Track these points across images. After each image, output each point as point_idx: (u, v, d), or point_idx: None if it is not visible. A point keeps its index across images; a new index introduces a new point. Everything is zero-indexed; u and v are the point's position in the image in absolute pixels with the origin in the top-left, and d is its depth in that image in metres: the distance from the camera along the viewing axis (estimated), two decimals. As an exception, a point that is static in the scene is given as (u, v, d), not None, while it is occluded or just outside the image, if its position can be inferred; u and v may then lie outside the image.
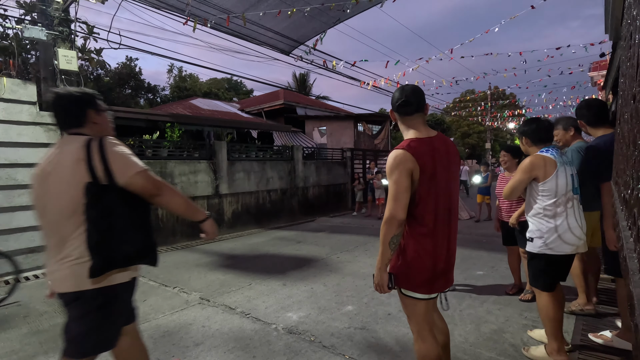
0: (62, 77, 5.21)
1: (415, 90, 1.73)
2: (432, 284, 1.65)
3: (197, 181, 7.08)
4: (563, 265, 2.27)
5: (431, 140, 1.68)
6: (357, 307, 3.37)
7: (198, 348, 2.66)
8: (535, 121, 2.41)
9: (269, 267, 4.88)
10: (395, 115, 1.78)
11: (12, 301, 3.78)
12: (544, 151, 2.26)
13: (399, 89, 1.76)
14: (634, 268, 1.00)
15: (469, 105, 28.02)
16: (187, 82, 27.56)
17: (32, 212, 4.98)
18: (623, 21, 2.96)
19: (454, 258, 1.76)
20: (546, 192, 2.21)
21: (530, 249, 2.31)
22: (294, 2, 6.13)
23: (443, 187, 1.65)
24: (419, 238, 1.63)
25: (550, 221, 2.21)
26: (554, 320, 2.23)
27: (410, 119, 1.73)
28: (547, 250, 2.21)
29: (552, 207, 2.20)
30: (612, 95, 6.15)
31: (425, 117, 1.77)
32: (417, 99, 1.71)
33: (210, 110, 13.52)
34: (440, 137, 1.75)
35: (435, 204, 1.63)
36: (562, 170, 2.19)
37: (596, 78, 15.64)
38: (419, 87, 1.79)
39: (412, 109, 1.71)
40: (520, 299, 3.44)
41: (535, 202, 2.27)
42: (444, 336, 1.93)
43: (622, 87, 2.20)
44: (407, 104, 1.70)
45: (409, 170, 1.58)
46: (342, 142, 14.82)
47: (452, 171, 1.71)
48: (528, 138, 2.38)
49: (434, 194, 1.63)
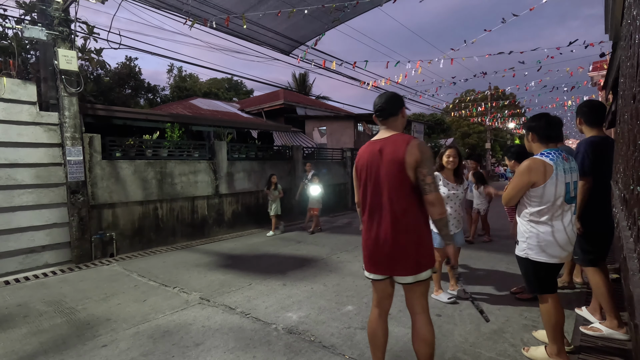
0: (62, 77, 5.21)
1: (390, 98, 1.95)
2: (371, 265, 1.94)
3: (197, 181, 7.08)
4: (547, 272, 2.19)
5: (374, 143, 1.94)
6: (357, 307, 3.37)
7: (198, 348, 2.66)
8: (544, 117, 2.22)
9: (269, 267, 4.88)
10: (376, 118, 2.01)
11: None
12: (544, 155, 2.14)
13: (378, 96, 1.99)
14: (634, 268, 1.00)
15: (469, 105, 28.00)
16: (187, 82, 27.53)
17: (32, 212, 5.00)
18: (623, 21, 2.96)
19: (395, 249, 1.84)
20: (534, 199, 2.14)
21: (516, 252, 2.31)
22: (295, 4, 6.13)
23: (372, 184, 1.90)
24: (363, 226, 2.00)
25: (534, 227, 2.17)
26: (556, 322, 2.22)
27: (384, 122, 1.96)
28: (530, 254, 2.19)
29: (537, 215, 2.15)
30: (612, 95, 6.15)
31: (399, 120, 1.96)
32: (391, 106, 1.93)
33: (210, 110, 13.51)
34: (391, 138, 1.89)
35: (366, 198, 1.95)
36: (557, 178, 2.07)
37: (596, 78, 15.64)
38: (396, 94, 1.97)
39: (386, 114, 1.93)
40: (517, 297, 3.46)
41: (524, 206, 2.22)
42: (422, 345, 1.86)
43: (622, 87, 2.20)
44: (382, 110, 1.93)
45: (355, 170, 2.05)
46: (342, 142, 14.83)
47: (386, 171, 1.85)
48: (535, 134, 2.22)
49: (364, 190, 1.96)
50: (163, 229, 6.55)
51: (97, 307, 3.57)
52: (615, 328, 2.59)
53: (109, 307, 3.55)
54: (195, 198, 7.10)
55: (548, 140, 2.20)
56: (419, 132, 19.43)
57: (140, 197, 6.19)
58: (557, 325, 2.22)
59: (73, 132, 5.30)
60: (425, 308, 1.91)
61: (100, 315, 3.36)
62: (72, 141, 5.29)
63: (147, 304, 3.62)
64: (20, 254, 4.93)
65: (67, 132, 5.24)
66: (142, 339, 2.83)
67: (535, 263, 2.18)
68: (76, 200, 5.33)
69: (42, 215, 5.10)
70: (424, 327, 1.87)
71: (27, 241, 4.97)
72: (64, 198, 5.30)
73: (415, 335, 1.89)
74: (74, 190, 5.31)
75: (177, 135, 7.63)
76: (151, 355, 2.59)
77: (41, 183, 5.09)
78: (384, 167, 1.85)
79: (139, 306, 3.56)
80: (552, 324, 2.22)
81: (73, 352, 2.67)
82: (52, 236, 5.20)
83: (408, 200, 1.82)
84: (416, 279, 1.84)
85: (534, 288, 2.28)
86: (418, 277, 1.84)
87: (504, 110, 31.09)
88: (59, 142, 5.27)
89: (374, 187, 1.90)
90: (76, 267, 5.17)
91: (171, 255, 5.81)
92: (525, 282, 2.36)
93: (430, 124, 24.99)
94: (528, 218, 2.20)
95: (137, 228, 6.19)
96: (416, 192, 1.83)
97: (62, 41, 5.22)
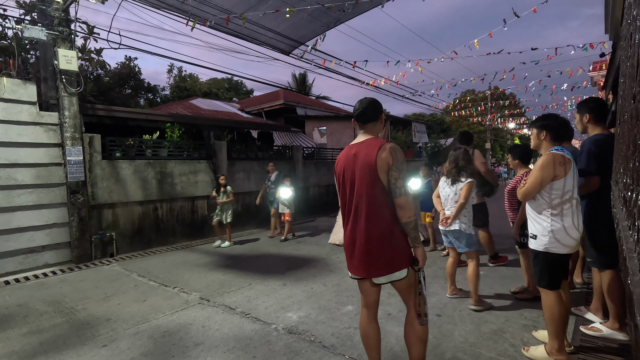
0: (62, 77, 5.21)
1: (370, 103, 1.98)
2: (351, 266, 1.99)
3: (197, 181, 7.08)
4: (563, 265, 2.27)
5: (351, 147, 1.97)
6: (357, 307, 3.36)
7: (198, 348, 2.66)
8: (558, 117, 2.36)
9: (269, 267, 4.88)
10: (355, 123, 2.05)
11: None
12: (559, 149, 2.23)
13: (358, 101, 2.03)
14: (634, 268, 1.00)
15: (468, 105, 28.02)
16: (187, 82, 27.53)
17: (32, 212, 4.99)
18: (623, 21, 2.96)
19: (367, 250, 1.87)
20: (556, 192, 2.19)
21: (534, 247, 2.31)
22: (294, 3, 6.13)
23: (349, 188, 1.94)
24: (343, 228, 2.03)
25: (556, 220, 2.20)
26: (559, 319, 2.23)
27: (362, 127, 2.00)
28: (551, 248, 2.21)
29: (558, 208, 2.19)
30: (612, 95, 6.15)
31: (378, 126, 2.01)
32: (371, 111, 1.97)
33: (210, 110, 13.50)
34: (365, 142, 1.92)
35: (345, 201, 1.99)
36: (574, 171, 2.19)
37: (596, 78, 15.64)
38: (376, 100, 2.00)
39: (365, 119, 1.98)
40: (517, 297, 3.46)
41: (544, 201, 2.24)
42: (407, 335, 1.97)
43: (622, 87, 2.20)
44: (361, 115, 1.98)
45: (335, 173, 2.08)
46: (342, 142, 14.82)
47: (360, 174, 1.87)
48: (550, 133, 2.31)
49: (342, 193, 2.01)
50: (163, 229, 6.55)
51: (97, 307, 3.57)
52: (616, 329, 2.59)
53: (109, 307, 3.55)
54: (195, 198, 7.10)
55: (560, 139, 2.32)
56: (421, 132, 19.43)
57: (140, 197, 6.19)
58: (560, 320, 2.23)
59: (73, 132, 5.30)
60: (414, 304, 1.95)
61: (100, 315, 3.36)
62: (72, 141, 5.29)
63: (147, 304, 3.62)
64: (20, 254, 4.93)
65: (67, 132, 5.24)
66: (142, 339, 2.83)
67: (555, 256, 2.22)
68: (76, 200, 5.33)
69: (42, 215, 5.10)
70: (409, 329, 1.97)
71: (27, 241, 4.97)
72: (64, 198, 5.30)
73: (405, 329, 1.99)
74: (74, 190, 5.31)
75: (177, 135, 7.64)
76: (151, 355, 2.59)
77: (41, 183, 5.09)
78: (358, 171, 1.88)
79: (139, 306, 3.56)
80: (555, 319, 2.23)
81: (73, 352, 2.67)
82: (52, 236, 5.20)
83: (381, 204, 1.85)
84: (389, 279, 1.89)
85: (547, 283, 2.28)
86: (391, 277, 1.88)
87: (504, 110, 31.09)
88: (59, 142, 5.27)
89: (350, 191, 1.94)
90: (76, 267, 5.17)
91: (171, 255, 5.81)
92: (539, 277, 2.33)
93: (430, 124, 25.00)
94: (550, 212, 2.21)
95: (137, 228, 6.19)
96: (389, 196, 1.86)
97: (62, 41, 5.22)
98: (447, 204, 3.36)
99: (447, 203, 3.36)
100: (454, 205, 3.29)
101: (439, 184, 3.52)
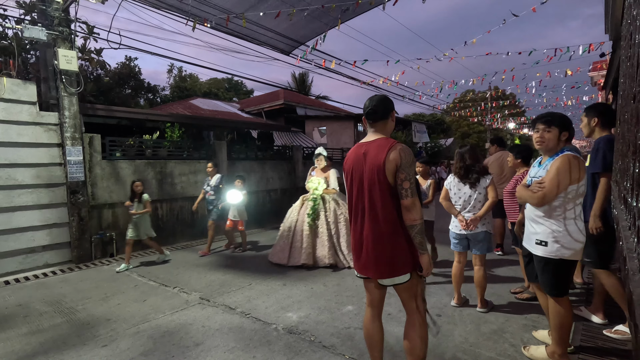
0: (62, 77, 5.21)
1: (381, 100, 1.94)
2: (357, 265, 1.99)
3: (197, 181, 7.08)
4: (572, 270, 2.19)
5: (360, 146, 1.94)
6: (357, 307, 3.37)
7: (198, 348, 2.66)
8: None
9: (269, 267, 4.88)
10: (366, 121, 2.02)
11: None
12: (570, 152, 2.14)
13: (368, 98, 1.98)
14: (634, 268, 1.00)
15: (468, 105, 28.01)
16: (187, 82, 27.52)
17: (32, 212, 4.99)
18: (623, 21, 2.96)
19: (372, 251, 1.86)
20: (572, 195, 2.09)
21: (543, 254, 2.15)
22: (295, 4, 6.13)
23: (357, 187, 1.93)
24: (350, 227, 2.03)
25: (570, 224, 2.11)
26: (568, 327, 2.20)
27: (373, 125, 1.96)
28: (565, 254, 2.10)
29: (574, 212, 2.11)
30: (612, 95, 6.15)
31: (389, 124, 1.97)
32: (382, 109, 1.92)
33: (210, 110, 13.51)
34: (376, 142, 1.89)
35: (352, 201, 1.98)
36: (586, 174, 2.15)
37: (596, 78, 15.63)
38: (387, 97, 1.96)
39: (376, 116, 1.93)
40: (517, 297, 3.46)
41: (560, 205, 2.11)
42: (406, 343, 1.94)
43: (622, 87, 2.20)
44: (372, 112, 1.93)
45: (343, 172, 2.07)
46: (342, 142, 14.83)
47: (368, 175, 1.85)
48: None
49: (350, 192, 1.99)
50: (163, 229, 6.54)
51: (97, 307, 3.57)
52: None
53: (109, 307, 3.55)
54: (195, 198, 7.07)
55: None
56: (421, 132, 19.42)
57: (140, 197, 6.18)
58: (568, 327, 2.21)
59: (73, 132, 5.30)
60: (413, 310, 1.93)
61: (100, 315, 3.36)
62: (72, 141, 5.29)
63: (147, 304, 3.62)
64: (20, 254, 4.93)
65: (67, 132, 5.24)
66: (142, 339, 2.83)
67: (568, 262, 2.12)
68: (76, 200, 5.33)
69: (42, 215, 5.10)
70: (409, 328, 1.94)
71: (27, 241, 4.97)
72: (64, 198, 5.30)
73: (404, 334, 1.97)
74: (74, 190, 5.31)
75: (177, 135, 7.64)
76: (151, 355, 2.59)
77: (41, 183, 5.09)
78: (366, 171, 1.86)
79: (139, 306, 3.56)
80: (564, 327, 2.19)
81: (73, 352, 2.67)
82: (52, 236, 5.20)
83: (387, 205, 1.82)
84: (392, 282, 1.87)
85: (561, 290, 2.17)
86: (394, 280, 1.86)
87: (504, 110, 31.08)
88: (59, 142, 5.27)
89: (358, 190, 1.93)
90: (76, 267, 5.17)
91: (171, 255, 5.81)
92: (551, 286, 2.19)
93: (430, 124, 24.99)
94: (571, 217, 2.11)
95: (137, 228, 6.17)
96: (396, 197, 1.83)
97: (62, 41, 5.22)
98: (466, 206, 3.13)
99: (466, 205, 3.13)
100: (477, 206, 3.09)
101: (447, 186, 3.28)
